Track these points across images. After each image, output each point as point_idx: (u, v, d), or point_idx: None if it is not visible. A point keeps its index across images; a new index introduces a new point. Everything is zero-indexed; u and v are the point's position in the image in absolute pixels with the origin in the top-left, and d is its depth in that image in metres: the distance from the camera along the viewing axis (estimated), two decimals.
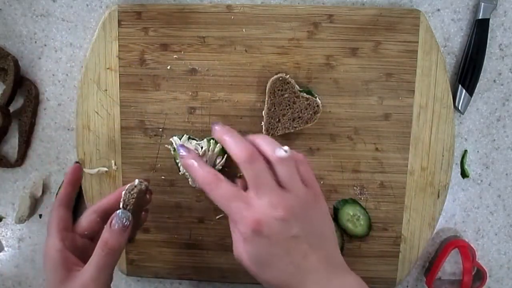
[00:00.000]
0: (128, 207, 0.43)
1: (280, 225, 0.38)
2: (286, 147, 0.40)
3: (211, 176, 0.40)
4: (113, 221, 0.42)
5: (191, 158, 0.42)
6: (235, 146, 0.40)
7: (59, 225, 0.44)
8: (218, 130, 0.42)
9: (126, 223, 0.42)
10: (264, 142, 0.41)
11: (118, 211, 0.42)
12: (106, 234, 0.41)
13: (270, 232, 0.38)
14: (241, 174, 0.40)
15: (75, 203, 0.57)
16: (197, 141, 0.52)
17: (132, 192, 0.43)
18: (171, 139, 0.52)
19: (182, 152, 0.43)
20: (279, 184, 0.39)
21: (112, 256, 0.41)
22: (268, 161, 0.40)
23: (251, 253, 0.39)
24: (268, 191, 0.39)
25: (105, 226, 0.42)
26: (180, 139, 0.51)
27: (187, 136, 0.52)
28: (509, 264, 0.57)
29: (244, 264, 0.40)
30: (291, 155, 0.40)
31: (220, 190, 0.39)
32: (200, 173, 0.41)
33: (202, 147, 0.51)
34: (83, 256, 0.43)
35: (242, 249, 0.40)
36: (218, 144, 0.51)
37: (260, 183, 0.39)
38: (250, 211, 0.38)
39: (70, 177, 0.48)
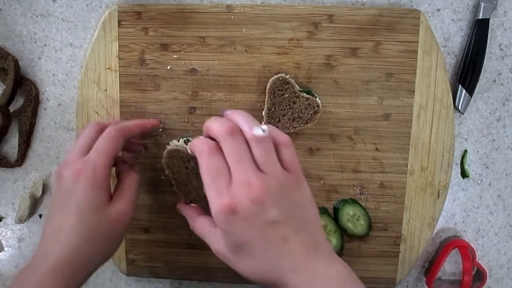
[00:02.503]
0: None
1: (255, 207, 0.35)
2: (265, 126, 0.38)
3: (208, 144, 0.38)
4: None
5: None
6: (215, 123, 0.38)
7: (111, 151, 0.43)
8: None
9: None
10: (242, 119, 0.39)
11: None
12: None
13: (244, 214, 0.35)
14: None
15: None
16: None
17: None
18: (170, 142, 0.51)
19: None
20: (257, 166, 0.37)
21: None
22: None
23: (226, 236, 0.37)
24: (246, 169, 0.36)
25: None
26: (178, 142, 0.51)
27: (183, 139, 0.51)
28: (509, 264, 0.57)
29: (222, 254, 0.38)
30: (271, 136, 0.38)
31: (212, 161, 0.37)
32: (199, 140, 0.39)
33: None
34: None
35: (219, 234, 0.38)
36: None
37: (241, 158, 0.36)
38: (228, 190, 0.36)
39: (145, 123, 0.50)
